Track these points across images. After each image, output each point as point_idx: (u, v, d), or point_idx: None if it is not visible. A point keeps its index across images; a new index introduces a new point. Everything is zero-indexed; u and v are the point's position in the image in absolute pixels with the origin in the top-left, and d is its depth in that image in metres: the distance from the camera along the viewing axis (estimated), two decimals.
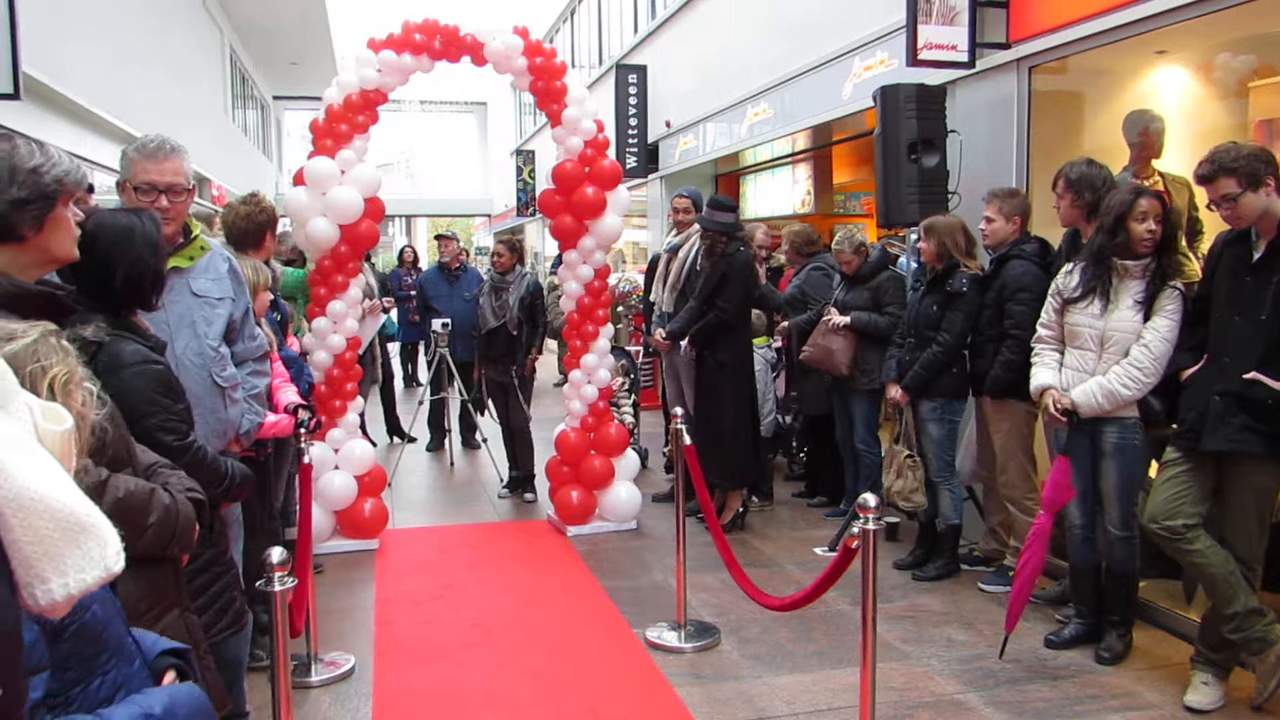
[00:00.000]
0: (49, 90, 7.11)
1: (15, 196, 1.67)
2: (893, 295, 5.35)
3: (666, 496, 6.31)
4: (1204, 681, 3.36)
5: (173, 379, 2.35)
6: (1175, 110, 4.91)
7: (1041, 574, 3.83)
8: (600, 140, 5.51)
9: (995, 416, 4.47)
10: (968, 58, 5.15)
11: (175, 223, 2.76)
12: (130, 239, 2.31)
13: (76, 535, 1.07)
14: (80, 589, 1.07)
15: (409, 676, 3.75)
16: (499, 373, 6.57)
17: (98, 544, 1.09)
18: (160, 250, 2.42)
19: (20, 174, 1.67)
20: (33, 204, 1.69)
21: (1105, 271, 3.67)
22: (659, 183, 11.44)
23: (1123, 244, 3.60)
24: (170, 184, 2.72)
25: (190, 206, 2.88)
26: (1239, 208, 3.18)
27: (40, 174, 1.70)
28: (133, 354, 2.23)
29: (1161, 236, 3.59)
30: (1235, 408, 3.18)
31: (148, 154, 2.70)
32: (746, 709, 3.40)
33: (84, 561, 1.07)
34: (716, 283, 5.41)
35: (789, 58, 7.79)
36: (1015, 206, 4.46)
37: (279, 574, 2.25)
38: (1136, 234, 3.57)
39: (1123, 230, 3.59)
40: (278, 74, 22.04)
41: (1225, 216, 3.26)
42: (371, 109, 5.26)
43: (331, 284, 5.25)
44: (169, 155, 2.71)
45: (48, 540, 1.04)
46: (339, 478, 5.28)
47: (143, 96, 10.28)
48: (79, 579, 1.06)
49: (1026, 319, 4.17)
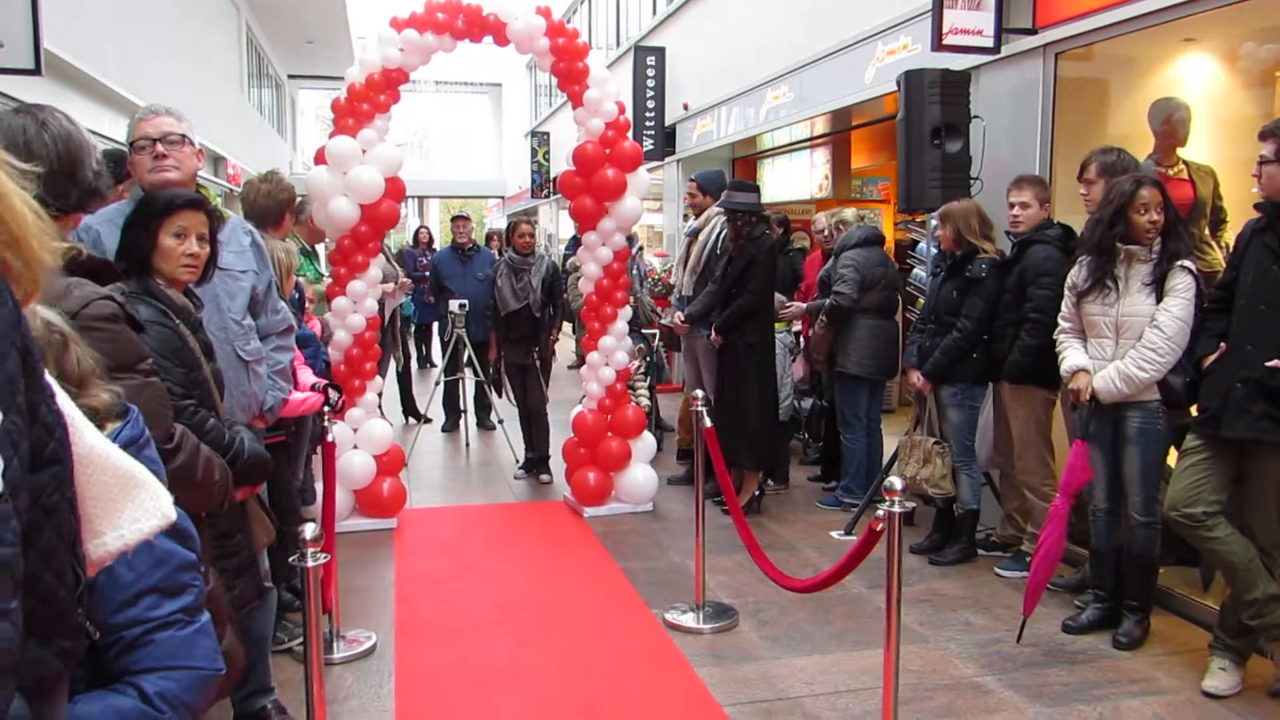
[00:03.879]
0: (69, 67, 7.13)
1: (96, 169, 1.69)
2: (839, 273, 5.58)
3: (682, 479, 6.34)
4: (1222, 667, 3.37)
5: (181, 345, 2.34)
6: (1202, 99, 4.87)
7: (1060, 559, 3.84)
8: (621, 122, 5.51)
9: (1013, 402, 4.47)
10: (993, 43, 5.12)
11: (179, 170, 2.74)
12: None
13: (131, 489, 1.11)
14: (136, 538, 1.11)
15: (431, 654, 3.79)
16: (519, 354, 6.58)
17: (151, 495, 1.13)
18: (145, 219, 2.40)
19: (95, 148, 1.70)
20: (103, 176, 1.72)
21: (1109, 261, 3.68)
22: (676, 166, 11.40)
23: (1122, 234, 3.61)
24: (164, 134, 2.73)
25: (198, 164, 2.85)
26: (1265, 174, 3.22)
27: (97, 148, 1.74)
28: (144, 314, 2.24)
29: (1166, 222, 3.59)
30: (1256, 395, 3.18)
31: (141, 115, 2.76)
32: (766, 689, 3.43)
33: (139, 513, 1.11)
34: (744, 267, 5.42)
35: (810, 41, 7.74)
36: (1045, 193, 4.46)
37: (311, 550, 2.27)
38: (1139, 225, 3.58)
39: (1123, 222, 3.60)
40: (293, 53, 22.02)
41: (1255, 176, 3.29)
42: (393, 88, 5.26)
43: (351, 264, 5.27)
44: (160, 113, 2.76)
45: (107, 495, 1.08)
46: (358, 457, 5.31)
47: (160, 74, 10.31)
48: (135, 529, 1.11)
49: (1047, 303, 4.18)
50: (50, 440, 0.95)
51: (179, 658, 1.23)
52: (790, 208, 9.35)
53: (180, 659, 1.23)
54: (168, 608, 1.24)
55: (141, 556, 1.22)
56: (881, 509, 2.51)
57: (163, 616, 1.23)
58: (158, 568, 1.25)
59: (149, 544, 1.19)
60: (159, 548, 1.25)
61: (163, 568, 1.25)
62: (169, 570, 1.26)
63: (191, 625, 1.26)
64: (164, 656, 1.22)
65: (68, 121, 1.84)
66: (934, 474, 4.66)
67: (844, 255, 5.65)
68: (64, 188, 1.67)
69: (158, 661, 1.21)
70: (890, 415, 7.42)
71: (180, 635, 1.24)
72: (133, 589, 1.22)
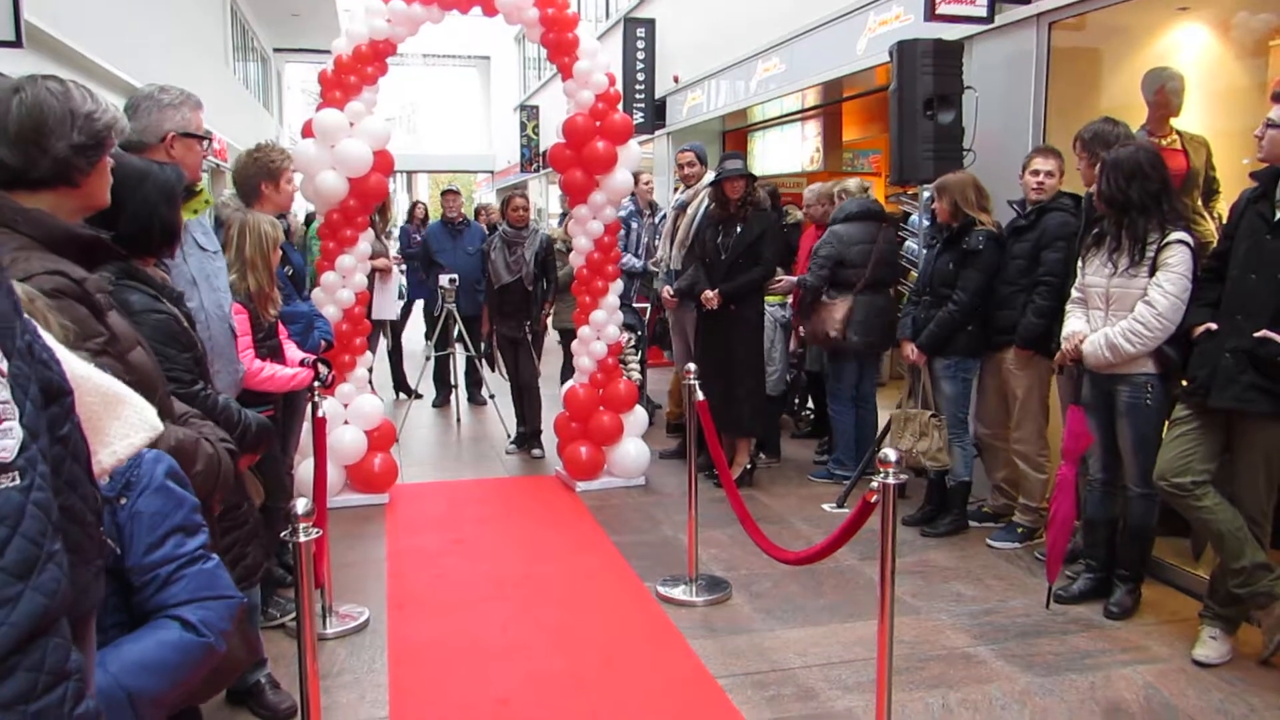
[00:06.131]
0: (50, 39, 7.03)
1: (76, 141, 1.66)
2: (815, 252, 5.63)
3: (673, 453, 6.34)
4: (1212, 636, 3.40)
5: (180, 329, 2.33)
6: (1195, 68, 4.85)
7: (1074, 525, 3.87)
8: (612, 94, 5.45)
9: (1019, 370, 4.47)
10: (987, 13, 5.08)
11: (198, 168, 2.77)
12: (142, 183, 2.27)
13: (116, 406, 1.17)
14: (128, 452, 1.18)
15: (423, 628, 3.79)
16: (511, 328, 6.55)
17: (135, 411, 1.19)
18: (175, 200, 2.39)
19: (79, 119, 1.67)
20: (89, 149, 1.69)
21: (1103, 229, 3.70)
22: (666, 139, 11.32)
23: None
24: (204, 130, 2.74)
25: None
26: (1268, 137, 3.21)
27: (94, 119, 1.70)
28: (137, 303, 2.21)
29: (1151, 191, 3.56)
30: (1245, 366, 3.19)
31: (195, 104, 2.71)
32: (760, 661, 3.44)
33: (126, 429, 1.17)
34: (755, 238, 5.44)
35: (801, 12, 7.67)
36: (1063, 165, 4.44)
37: (303, 525, 2.25)
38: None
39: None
40: (279, 26, 21.76)
41: (1257, 138, 3.27)
42: (381, 60, 5.19)
43: (340, 238, 5.22)
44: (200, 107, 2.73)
45: (94, 415, 1.13)
46: (349, 433, 5.29)
47: (144, 47, 10.17)
48: (126, 444, 1.17)
49: (1059, 267, 4.21)
50: (51, 374, 0.97)
51: (212, 588, 1.36)
52: (781, 180, 9.30)
53: (213, 589, 1.36)
54: (191, 544, 1.36)
55: (162, 499, 1.35)
56: (876, 480, 2.50)
57: (189, 553, 1.35)
58: (177, 509, 1.36)
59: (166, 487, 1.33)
60: (174, 491, 1.37)
61: (181, 509, 1.37)
62: (186, 511, 1.37)
63: (212, 559, 1.39)
64: (198, 589, 1.34)
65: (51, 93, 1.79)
66: (931, 447, 4.66)
67: (828, 231, 5.64)
68: (32, 156, 1.64)
69: (193, 594, 1.33)
70: (882, 389, 7.42)
71: (206, 569, 1.37)
72: (160, 530, 1.34)
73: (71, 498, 0.98)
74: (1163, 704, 3.10)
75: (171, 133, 2.69)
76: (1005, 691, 3.19)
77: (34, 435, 0.87)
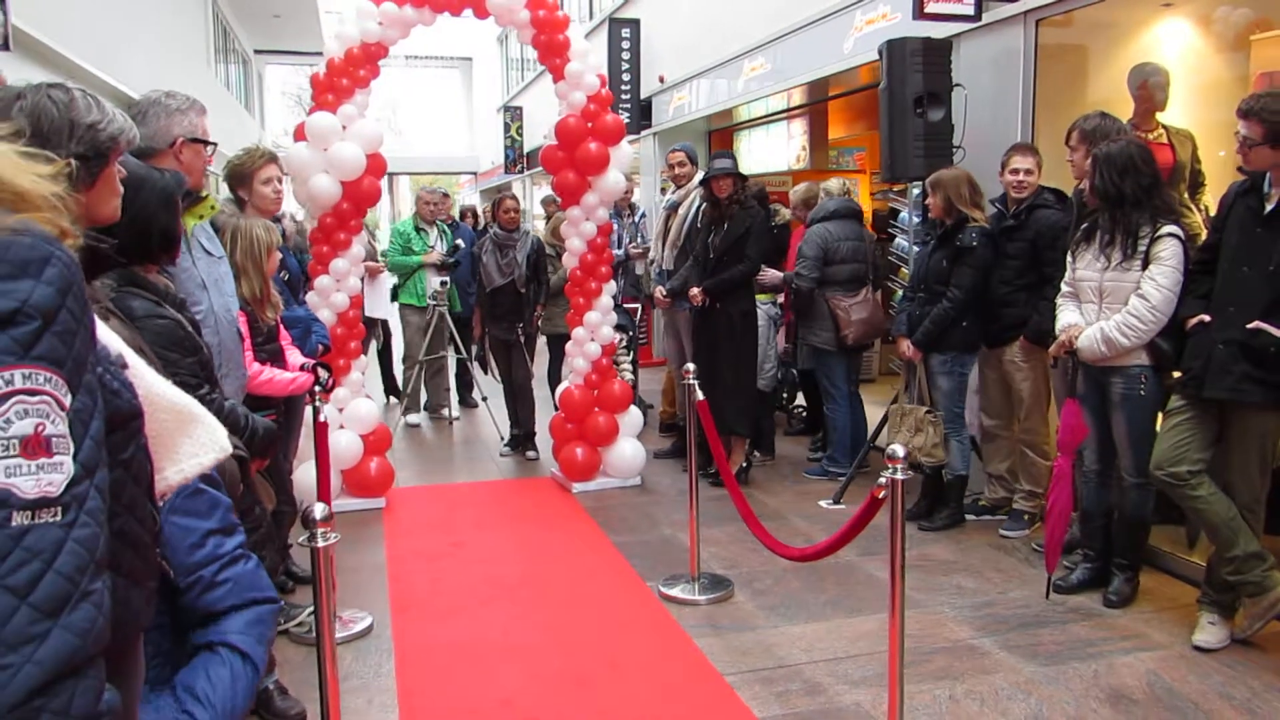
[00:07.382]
0: (36, 43, 6.97)
1: (73, 152, 1.64)
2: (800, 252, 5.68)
3: (668, 453, 6.36)
4: (1211, 622, 3.45)
5: (184, 334, 2.33)
6: (1179, 63, 4.91)
7: (1071, 515, 3.92)
8: (603, 95, 5.47)
9: (1026, 363, 4.53)
10: (974, 11, 5.12)
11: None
12: (140, 189, 2.26)
13: (188, 425, 1.17)
14: (195, 471, 1.18)
15: (428, 632, 3.79)
16: (504, 330, 6.55)
17: (207, 430, 1.19)
18: (174, 206, 2.37)
19: (79, 129, 1.64)
20: (90, 161, 1.66)
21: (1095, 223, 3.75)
22: (652, 139, 11.33)
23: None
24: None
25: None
26: (1251, 155, 3.25)
27: (98, 130, 1.67)
28: (139, 309, 2.21)
29: (1143, 185, 3.61)
30: (1238, 357, 3.24)
31: (200, 109, 2.70)
32: (766, 658, 3.46)
33: (196, 447, 1.18)
34: (740, 235, 5.45)
35: (788, 11, 7.70)
36: (1040, 160, 4.49)
37: (322, 530, 2.26)
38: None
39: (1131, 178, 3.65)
40: (260, 27, 21.58)
41: (1239, 152, 3.32)
42: (373, 63, 5.19)
43: (334, 241, 5.21)
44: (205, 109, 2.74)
45: (166, 433, 1.13)
46: (345, 437, 5.28)
47: (126, 49, 10.09)
48: (194, 463, 1.17)
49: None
50: (120, 402, 0.97)
51: (255, 588, 1.35)
52: (767, 179, 9.33)
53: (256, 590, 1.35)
54: (230, 544, 1.36)
55: (200, 500, 1.33)
56: (884, 476, 2.53)
57: (229, 552, 1.35)
58: (214, 510, 1.36)
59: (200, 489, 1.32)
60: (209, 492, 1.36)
61: (217, 509, 1.37)
62: (222, 511, 1.37)
63: (252, 559, 1.38)
64: (243, 590, 1.33)
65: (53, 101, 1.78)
66: (926, 442, 4.70)
67: (810, 230, 5.68)
68: None
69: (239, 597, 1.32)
70: (870, 384, 7.48)
71: (248, 569, 1.36)
72: (200, 531, 1.33)
73: (129, 521, 0.97)
74: (1165, 689, 3.15)
75: (181, 138, 2.68)
76: (1010, 682, 3.22)
77: (88, 471, 0.86)
